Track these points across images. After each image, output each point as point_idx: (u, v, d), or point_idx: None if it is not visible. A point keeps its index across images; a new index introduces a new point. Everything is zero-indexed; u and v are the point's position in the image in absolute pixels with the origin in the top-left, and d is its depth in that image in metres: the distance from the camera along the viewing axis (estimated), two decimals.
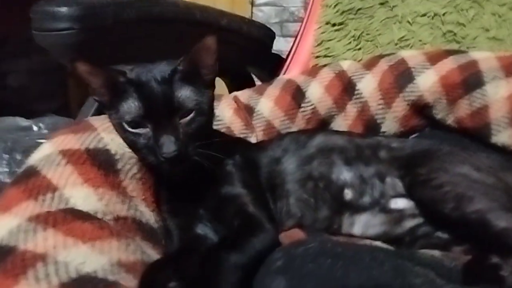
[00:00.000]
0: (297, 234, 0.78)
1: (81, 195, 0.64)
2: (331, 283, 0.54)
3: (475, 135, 0.97)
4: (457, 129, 1.01)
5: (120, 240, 0.59)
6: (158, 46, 1.00)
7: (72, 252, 0.53)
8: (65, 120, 1.52)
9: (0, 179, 1.26)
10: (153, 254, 0.65)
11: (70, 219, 0.58)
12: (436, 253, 0.71)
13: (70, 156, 0.68)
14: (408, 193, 0.78)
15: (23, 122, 1.45)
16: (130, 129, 0.67)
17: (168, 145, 0.63)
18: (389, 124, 1.06)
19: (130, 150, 0.74)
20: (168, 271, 0.57)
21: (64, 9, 0.79)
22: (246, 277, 0.58)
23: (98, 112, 0.96)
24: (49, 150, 0.69)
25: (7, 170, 1.30)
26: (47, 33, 0.81)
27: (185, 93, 0.67)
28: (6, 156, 1.32)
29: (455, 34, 1.15)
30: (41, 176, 0.64)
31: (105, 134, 0.74)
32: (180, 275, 0.58)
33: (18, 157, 1.33)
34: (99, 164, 0.69)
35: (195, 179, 0.73)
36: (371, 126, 1.08)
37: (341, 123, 1.10)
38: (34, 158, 0.69)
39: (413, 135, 1.08)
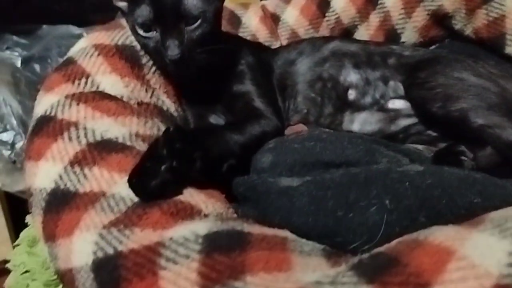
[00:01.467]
0: (301, 127, 0.87)
1: (109, 81, 0.75)
2: (308, 157, 0.64)
3: (491, 46, 0.99)
4: (475, 40, 1.02)
5: (140, 118, 0.71)
6: None
7: (98, 122, 0.66)
8: None
9: None
10: None
11: (99, 99, 0.70)
12: (422, 146, 0.79)
13: (101, 49, 0.79)
14: (406, 94, 0.84)
15: (75, 30, 1.58)
16: (141, 33, 0.74)
17: (173, 48, 0.70)
18: (409, 34, 1.09)
19: None
20: (179, 137, 0.66)
21: None
22: (245, 154, 0.69)
23: None
24: (84, 44, 0.81)
25: None
26: None
27: (192, 2, 0.72)
28: (61, 59, 1.47)
29: None
30: (77, 64, 0.76)
31: None
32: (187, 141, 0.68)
33: None
34: (125, 57, 0.80)
35: (208, 78, 0.82)
36: (391, 36, 1.11)
37: (363, 33, 1.14)
38: (73, 50, 0.82)
39: (433, 46, 1.10)
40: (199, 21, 0.74)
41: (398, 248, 0.40)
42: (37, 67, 1.42)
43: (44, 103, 0.70)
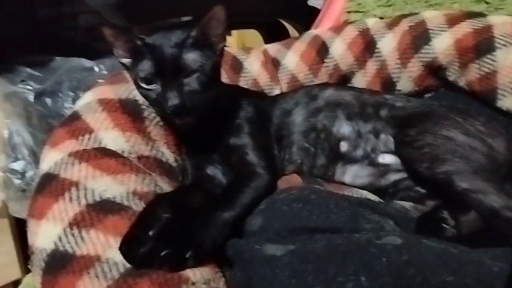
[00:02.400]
0: (295, 178, 0.90)
1: (112, 136, 0.80)
2: (295, 223, 0.67)
3: (483, 98, 1.01)
4: (468, 91, 1.05)
5: (138, 175, 0.75)
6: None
7: (98, 181, 0.70)
8: None
9: (67, 112, 1.47)
10: (166, 187, 0.80)
11: (100, 156, 0.74)
12: (409, 204, 0.81)
13: (105, 104, 0.84)
14: (396, 151, 0.87)
15: (86, 63, 1.64)
16: (143, 85, 0.78)
17: (172, 99, 0.74)
18: (404, 83, 1.12)
19: None
20: (167, 204, 0.70)
21: None
22: (237, 224, 0.71)
23: None
24: (90, 99, 0.86)
25: (72, 105, 1.51)
26: None
27: (191, 56, 0.77)
28: (71, 93, 1.53)
29: None
30: (82, 120, 0.81)
31: None
32: (178, 208, 0.71)
33: (81, 94, 1.53)
34: (128, 111, 0.85)
35: (208, 129, 0.86)
36: (387, 84, 1.14)
37: (361, 80, 1.18)
38: (79, 105, 0.86)
39: (428, 95, 1.13)
40: (197, 74, 0.78)
41: None
42: (48, 101, 1.47)
43: (49, 159, 0.75)
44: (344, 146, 0.91)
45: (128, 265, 0.58)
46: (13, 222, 1.52)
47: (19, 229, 1.54)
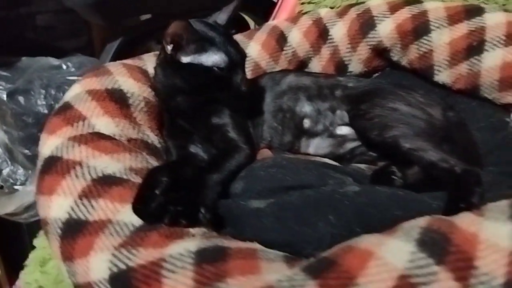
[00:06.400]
0: (267, 152, 1.02)
1: (103, 122, 0.89)
2: (272, 183, 0.79)
3: (423, 75, 1.18)
4: (410, 69, 1.21)
5: (131, 154, 0.85)
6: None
7: (98, 160, 0.79)
8: (89, 59, 1.75)
9: (40, 110, 1.54)
10: (156, 164, 0.91)
11: (96, 139, 0.84)
12: (364, 166, 0.96)
13: (94, 94, 0.93)
14: (350, 123, 1.01)
15: (54, 61, 1.69)
16: None
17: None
18: (355, 65, 1.27)
19: (138, 90, 0.99)
20: (164, 172, 0.81)
21: None
22: (225, 187, 0.83)
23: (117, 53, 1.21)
24: (78, 90, 0.94)
25: (44, 103, 1.57)
26: None
27: None
28: (43, 91, 1.59)
29: None
30: (74, 109, 0.90)
31: (119, 77, 0.99)
32: (173, 176, 0.82)
33: (53, 92, 1.59)
34: (115, 100, 0.94)
35: (191, 110, 0.97)
36: (340, 67, 1.29)
37: (317, 64, 1.32)
38: (68, 96, 0.94)
39: (376, 74, 1.29)
40: None
41: (336, 252, 0.56)
42: (21, 99, 1.53)
43: (49, 144, 0.83)
44: (306, 123, 1.05)
45: (137, 224, 0.68)
46: None
47: None
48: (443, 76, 1.13)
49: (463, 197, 0.71)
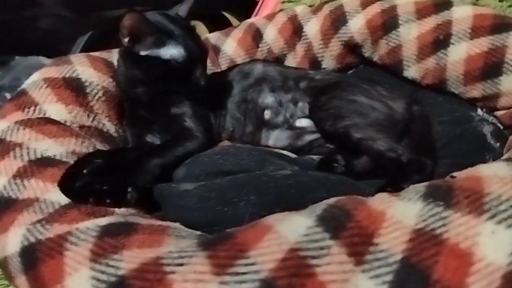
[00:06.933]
0: (226, 144, 1.02)
1: (55, 108, 0.90)
2: (211, 168, 0.79)
3: (393, 70, 1.15)
4: (381, 65, 1.19)
5: (78, 139, 0.85)
6: None
7: (40, 143, 0.80)
8: None
9: None
10: None
11: (43, 123, 0.85)
12: (317, 157, 0.94)
13: (50, 82, 0.94)
14: (310, 114, 1.00)
15: (44, 60, 1.73)
16: None
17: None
18: (328, 62, 1.26)
19: (98, 79, 1.00)
20: (101, 155, 0.82)
21: None
22: (166, 172, 0.82)
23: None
24: (36, 78, 0.96)
25: None
26: None
27: None
28: None
29: None
30: (28, 95, 0.91)
31: (79, 67, 1.00)
32: (111, 159, 0.82)
33: None
34: (71, 88, 0.95)
35: (151, 103, 0.97)
36: (314, 63, 1.27)
37: (291, 61, 1.31)
38: (26, 83, 0.96)
39: (350, 71, 1.27)
40: None
41: (239, 228, 0.55)
42: (7, 95, 1.57)
43: None
44: (267, 114, 1.04)
45: (62, 203, 0.68)
46: None
47: None
48: (412, 71, 1.11)
49: (395, 182, 0.68)
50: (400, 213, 0.53)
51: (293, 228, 0.52)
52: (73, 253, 0.55)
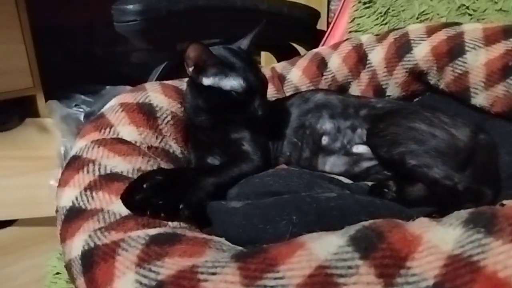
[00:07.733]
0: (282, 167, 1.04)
1: (127, 130, 0.99)
2: (261, 188, 0.81)
3: (459, 98, 1.12)
4: (447, 93, 1.15)
5: (144, 157, 0.93)
6: (206, 29, 1.33)
7: (110, 160, 0.89)
8: None
9: None
10: None
11: (115, 143, 0.94)
12: (371, 183, 0.93)
13: (125, 106, 1.04)
14: (367, 141, 0.99)
15: None
16: None
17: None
18: (392, 89, 1.24)
19: (168, 105, 1.08)
20: (163, 173, 0.88)
21: (130, 6, 1.15)
22: (221, 191, 0.87)
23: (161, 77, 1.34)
24: (114, 103, 1.07)
25: None
26: (121, 24, 1.18)
27: None
28: None
29: (467, 7, 1.26)
30: (105, 118, 1.01)
31: (151, 93, 1.09)
32: (171, 177, 0.88)
33: None
34: (143, 112, 1.04)
35: (213, 130, 1.04)
36: (378, 91, 1.27)
37: (355, 89, 1.32)
38: (105, 107, 1.07)
39: (416, 99, 1.25)
40: None
41: (274, 245, 0.57)
42: None
43: (77, 146, 0.95)
44: (325, 140, 1.05)
45: (123, 214, 0.75)
46: None
47: None
48: (480, 98, 1.06)
49: (445, 208, 0.66)
50: (438, 238, 0.52)
51: (324, 246, 0.53)
52: (123, 258, 0.61)
